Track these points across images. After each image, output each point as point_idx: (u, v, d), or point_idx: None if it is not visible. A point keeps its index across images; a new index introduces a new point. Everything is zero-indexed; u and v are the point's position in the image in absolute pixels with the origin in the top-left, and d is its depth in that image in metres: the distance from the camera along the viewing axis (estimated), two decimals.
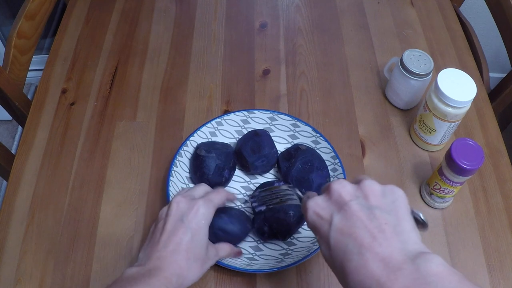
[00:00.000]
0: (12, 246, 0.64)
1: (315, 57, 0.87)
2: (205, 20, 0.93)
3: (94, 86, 0.82)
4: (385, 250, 0.38)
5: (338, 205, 0.42)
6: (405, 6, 0.97)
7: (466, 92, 0.64)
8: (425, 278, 0.35)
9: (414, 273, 0.35)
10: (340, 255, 0.39)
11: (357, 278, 0.37)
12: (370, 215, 0.40)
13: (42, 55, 1.61)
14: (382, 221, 0.39)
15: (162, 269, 0.49)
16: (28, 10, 0.84)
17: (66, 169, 0.72)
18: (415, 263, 0.36)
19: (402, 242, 0.38)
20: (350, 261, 0.38)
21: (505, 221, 0.67)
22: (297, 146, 0.68)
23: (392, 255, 0.37)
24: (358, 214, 0.40)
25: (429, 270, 0.35)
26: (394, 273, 0.36)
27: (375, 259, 0.37)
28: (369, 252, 0.38)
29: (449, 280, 0.35)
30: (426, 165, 0.73)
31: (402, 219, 0.40)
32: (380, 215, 0.40)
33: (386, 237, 0.38)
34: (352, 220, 0.40)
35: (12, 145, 1.58)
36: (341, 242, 0.40)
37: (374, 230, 0.39)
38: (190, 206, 0.54)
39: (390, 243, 0.38)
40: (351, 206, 0.41)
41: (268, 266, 0.60)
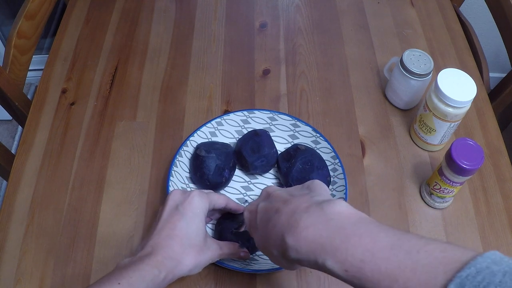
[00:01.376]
0: (12, 246, 0.64)
1: (315, 57, 0.87)
2: (205, 20, 0.93)
3: (94, 86, 0.82)
4: (295, 204, 0.43)
5: (264, 197, 0.49)
6: (405, 6, 0.97)
7: (466, 92, 0.64)
8: (328, 215, 0.39)
9: (318, 212, 0.40)
10: (263, 226, 0.45)
11: (273, 232, 0.42)
12: (288, 193, 0.46)
13: (42, 55, 1.61)
14: (296, 193, 0.46)
15: (154, 254, 0.49)
16: (28, 10, 0.84)
17: (66, 169, 0.72)
18: (320, 206, 0.40)
19: (311, 197, 0.43)
20: (269, 223, 0.43)
21: (505, 221, 0.67)
22: (296, 146, 0.68)
23: (300, 205, 0.42)
24: (278, 194, 0.47)
25: (332, 210, 0.39)
26: (300, 215, 0.40)
27: (287, 211, 0.42)
28: (283, 209, 0.43)
29: (349, 217, 0.39)
30: (426, 165, 0.73)
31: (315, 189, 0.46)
32: (296, 191, 0.46)
33: (297, 198, 0.44)
34: (273, 199, 0.46)
35: (12, 145, 1.58)
36: (264, 216, 0.45)
37: (289, 197, 0.45)
38: (185, 196, 0.55)
39: (299, 199, 0.43)
40: (274, 193, 0.48)
41: (268, 266, 0.60)
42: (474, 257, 0.32)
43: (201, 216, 0.54)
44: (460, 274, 0.31)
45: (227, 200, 0.59)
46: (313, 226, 0.39)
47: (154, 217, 0.67)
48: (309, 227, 0.39)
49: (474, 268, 0.31)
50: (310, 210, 0.40)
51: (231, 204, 0.59)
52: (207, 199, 0.55)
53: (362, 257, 0.35)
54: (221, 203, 0.58)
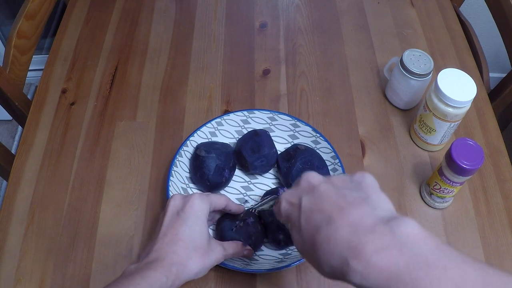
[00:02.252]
0: (12, 246, 0.64)
1: (315, 57, 0.87)
2: (205, 20, 0.93)
3: (94, 86, 0.82)
4: (354, 216, 0.36)
5: (308, 189, 0.42)
6: (405, 6, 0.97)
7: (466, 92, 0.64)
8: (400, 239, 0.34)
9: (388, 234, 0.34)
10: (310, 233, 0.38)
11: (327, 248, 0.36)
12: (338, 193, 0.40)
13: (42, 55, 1.61)
14: (350, 197, 0.39)
15: (160, 260, 0.49)
16: (28, 10, 0.84)
17: (66, 169, 0.72)
18: (389, 225, 0.35)
19: (373, 209, 0.37)
20: (319, 234, 0.37)
21: (505, 221, 0.67)
22: (296, 146, 0.68)
23: (363, 220, 0.36)
24: (327, 193, 0.40)
25: (404, 232, 0.34)
26: (365, 235, 0.34)
27: (344, 225, 0.36)
28: (338, 220, 0.36)
29: (425, 242, 0.34)
30: (426, 165, 0.73)
31: (371, 193, 0.40)
32: (349, 193, 0.39)
33: (355, 206, 0.37)
34: (320, 198, 0.40)
35: (12, 145, 1.58)
36: (310, 219, 0.39)
37: (342, 203, 0.38)
38: (185, 201, 0.54)
39: (359, 210, 0.37)
40: (319, 187, 0.41)
41: (268, 266, 0.60)
42: None
43: (203, 219, 0.54)
44: None
45: (227, 200, 0.59)
46: (385, 252, 0.33)
47: (154, 217, 0.67)
48: (379, 252, 0.33)
49: None
50: (377, 230, 0.35)
51: (231, 205, 0.59)
52: (208, 201, 0.55)
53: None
54: (221, 204, 0.58)
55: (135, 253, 0.64)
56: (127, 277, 0.47)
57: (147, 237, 0.65)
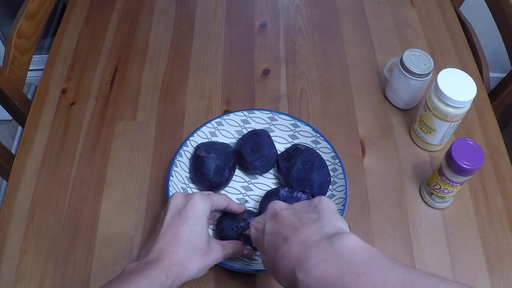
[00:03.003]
0: (12, 246, 0.64)
1: (315, 57, 0.87)
2: (205, 20, 0.93)
3: (94, 86, 0.82)
4: (304, 234, 0.42)
5: (271, 215, 0.48)
6: (405, 6, 0.97)
7: (466, 92, 0.64)
8: (338, 251, 0.38)
9: (328, 248, 0.39)
10: (271, 253, 0.44)
11: (283, 263, 0.41)
12: (296, 216, 0.45)
13: (42, 55, 1.61)
14: (304, 218, 0.44)
15: (160, 260, 0.49)
16: (28, 10, 0.84)
17: (66, 169, 0.72)
18: (330, 241, 0.39)
19: (321, 227, 0.42)
20: (277, 252, 0.43)
21: (505, 221, 0.67)
22: (296, 146, 0.68)
23: (310, 237, 0.41)
24: (286, 217, 0.45)
25: (343, 245, 0.39)
26: (310, 250, 0.39)
27: (296, 242, 0.41)
28: (291, 239, 0.42)
29: (359, 253, 0.38)
30: (426, 165, 0.73)
31: (325, 215, 0.45)
32: (305, 215, 0.45)
33: (307, 226, 0.43)
34: (280, 222, 0.45)
35: (12, 145, 1.58)
36: (271, 241, 0.45)
37: (297, 223, 0.44)
38: (187, 200, 0.54)
39: (309, 228, 0.42)
40: (281, 213, 0.47)
41: None
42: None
43: (204, 219, 0.54)
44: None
45: (228, 200, 0.59)
46: (323, 263, 0.38)
47: (154, 217, 0.67)
48: (319, 264, 0.38)
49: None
50: (320, 245, 0.39)
51: (232, 205, 0.59)
52: (209, 201, 0.55)
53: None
54: (222, 204, 0.58)
55: (135, 253, 0.64)
56: (127, 275, 0.47)
57: (147, 237, 0.65)
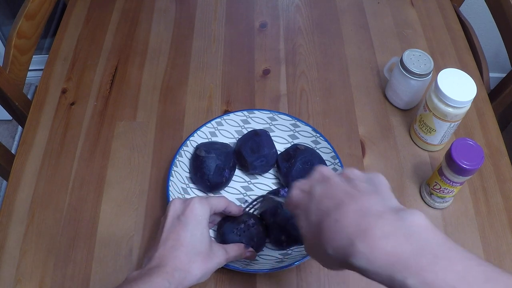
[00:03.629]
0: (12, 246, 0.64)
1: (315, 57, 0.87)
2: (205, 20, 0.93)
3: (94, 86, 0.82)
4: (364, 202, 0.37)
5: (321, 179, 0.43)
6: (405, 6, 0.97)
7: (466, 92, 0.64)
8: (408, 228, 0.34)
9: (397, 222, 0.35)
10: (318, 217, 0.39)
11: (334, 229, 0.37)
12: (350, 184, 0.41)
13: (42, 55, 1.61)
14: (361, 187, 0.40)
15: (163, 266, 0.49)
16: (28, 10, 0.84)
17: (66, 169, 0.72)
18: (398, 214, 0.35)
19: (383, 199, 0.38)
20: (328, 216, 0.37)
21: (505, 221, 0.67)
22: (295, 146, 0.68)
23: (373, 206, 0.37)
24: (339, 183, 0.41)
25: (413, 221, 0.35)
26: (374, 220, 0.35)
27: (354, 209, 0.36)
28: (348, 204, 0.37)
29: (432, 234, 0.34)
30: (426, 165, 0.73)
31: (382, 189, 0.41)
32: (360, 184, 0.40)
33: (366, 195, 0.38)
34: (332, 187, 0.41)
35: (12, 145, 1.58)
36: (321, 204, 0.40)
37: (354, 191, 0.39)
38: (185, 205, 0.54)
39: (369, 198, 0.38)
40: (333, 178, 0.42)
41: (268, 266, 0.60)
42: None
43: (204, 223, 0.54)
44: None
45: (227, 202, 0.59)
46: (393, 237, 0.34)
47: (154, 217, 0.67)
48: (387, 236, 0.34)
49: None
50: (386, 217, 0.35)
51: (231, 207, 0.59)
52: (208, 205, 0.55)
53: (454, 284, 0.32)
54: (221, 206, 0.58)
55: (135, 253, 0.64)
56: (129, 283, 0.47)
57: (147, 237, 0.65)
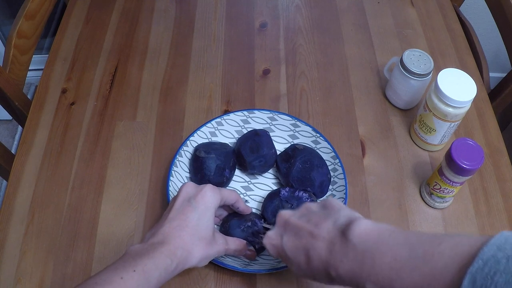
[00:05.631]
0: (12, 246, 0.64)
1: (315, 57, 0.87)
2: (205, 20, 0.93)
3: (94, 86, 0.82)
4: (321, 235, 0.45)
5: (282, 226, 0.51)
6: (405, 6, 0.97)
7: (466, 92, 0.64)
8: (352, 242, 0.42)
9: (344, 243, 0.43)
10: (300, 261, 0.47)
11: (315, 267, 0.46)
12: (307, 220, 0.48)
13: (42, 55, 1.61)
14: (315, 218, 0.48)
15: (166, 243, 0.49)
16: (28, 10, 0.84)
17: (66, 169, 0.72)
18: (344, 235, 0.43)
19: (334, 222, 0.46)
20: (308, 258, 0.46)
21: (505, 221, 0.67)
22: (294, 146, 0.68)
23: (327, 235, 0.45)
24: (297, 224, 0.49)
25: (354, 235, 0.43)
26: (331, 251, 0.44)
27: (318, 246, 0.45)
28: (312, 244, 0.46)
29: (371, 236, 0.42)
30: (426, 165, 0.73)
31: (334, 210, 0.48)
32: (314, 216, 0.48)
33: (320, 226, 0.46)
34: (294, 232, 0.49)
35: (12, 145, 1.58)
36: (294, 252, 0.48)
37: (311, 227, 0.47)
38: (198, 190, 0.55)
39: (323, 228, 0.46)
40: (290, 220, 0.50)
41: (268, 266, 0.60)
42: (480, 248, 0.34)
43: (212, 211, 0.54)
44: (470, 270, 0.33)
45: (238, 197, 0.59)
46: (345, 259, 0.43)
47: (154, 217, 0.67)
48: (342, 261, 0.43)
49: (481, 261, 0.33)
50: (337, 242, 0.44)
51: (240, 203, 0.60)
52: (219, 194, 0.56)
53: (390, 276, 0.39)
54: (232, 199, 0.58)
55: None
56: (133, 257, 0.47)
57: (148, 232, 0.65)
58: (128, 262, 0.47)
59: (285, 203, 0.63)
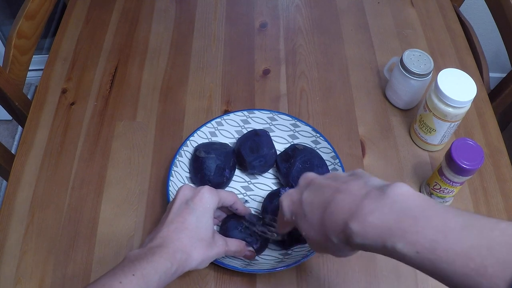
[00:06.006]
0: (12, 246, 0.64)
1: (315, 57, 0.87)
2: (205, 20, 0.93)
3: (94, 86, 0.82)
4: (351, 189, 0.42)
5: (306, 184, 0.48)
6: (405, 6, 0.97)
7: (466, 92, 0.64)
8: (391, 198, 0.39)
9: (381, 196, 0.39)
10: (316, 216, 0.44)
11: (333, 219, 0.42)
12: (333, 180, 0.45)
13: (42, 55, 1.61)
14: (344, 179, 0.45)
15: (165, 246, 0.49)
16: (28, 10, 0.84)
17: (66, 169, 0.72)
18: (381, 189, 0.40)
19: (366, 182, 0.43)
20: (324, 212, 0.43)
21: None
22: (294, 146, 0.68)
23: (357, 190, 0.41)
24: (323, 182, 0.46)
25: (394, 192, 0.39)
26: (362, 201, 0.40)
27: (344, 198, 0.42)
28: (338, 196, 0.42)
29: (413, 199, 0.38)
30: (426, 165, 0.73)
31: (364, 176, 0.44)
32: (342, 177, 0.45)
33: (349, 183, 0.43)
34: (318, 187, 0.46)
35: (12, 145, 1.58)
36: (313, 205, 0.45)
37: (338, 184, 0.44)
38: (195, 192, 0.55)
39: (353, 184, 0.43)
40: (316, 180, 0.47)
41: (268, 266, 0.60)
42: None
43: (210, 212, 0.54)
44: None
45: (236, 198, 0.59)
46: (378, 211, 0.38)
47: (154, 217, 0.67)
48: (374, 211, 0.38)
49: None
50: (372, 195, 0.40)
51: (238, 204, 0.59)
52: (217, 196, 0.56)
53: (434, 238, 0.35)
54: (230, 200, 0.58)
55: None
56: (132, 262, 0.47)
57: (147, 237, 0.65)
58: (127, 266, 0.46)
59: None
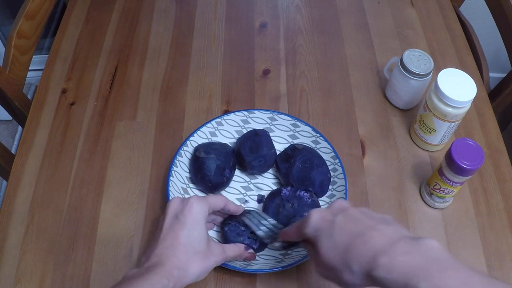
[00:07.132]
0: (12, 246, 0.64)
1: (315, 57, 0.87)
2: (205, 20, 0.93)
3: (94, 86, 0.82)
4: (385, 231, 0.44)
5: (339, 210, 0.48)
6: (405, 6, 0.97)
7: (466, 92, 0.64)
8: (423, 247, 0.41)
9: (414, 243, 0.41)
10: (344, 239, 0.45)
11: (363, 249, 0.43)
12: (367, 215, 0.47)
13: (42, 55, 1.61)
14: (378, 219, 0.46)
15: (161, 264, 0.49)
16: (28, 10, 0.84)
17: (66, 169, 0.72)
18: (414, 239, 0.42)
19: (398, 230, 0.44)
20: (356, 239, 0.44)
21: (505, 221, 0.67)
22: (293, 146, 0.68)
23: (391, 233, 0.43)
24: (357, 214, 0.47)
25: (428, 244, 0.41)
26: (396, 242, 0.42)
27: (378, 235, 0.43)
28: (372, 231, 0.44)
29: (443, 252, 0.41)
30: (426, 165, 0.73)
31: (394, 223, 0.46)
32: (375, 216, 0.47)
33: (383, 225, 0.45)
34: (352, 218, 0.47)
35: (12, 145, 1.58)
36: (344, 230, 0.46)
37: (372, 222, 0.45)
38: (183, 204, 0.54)
39: (387, 227, 0.44)
40: (350, 210, 0.48)
41: (268, 266, 0.60)
42: None
43: (202, 222, 0.54)
44: None
45: (226, 200, 0.59)
46: (410, 254, 0.41)
47: (154, 217, 0.67)
48: (407, 253, 0.41)
49: None
50: (406, 240, 0.42)
51: (230, 205, 0.59)
52: (206, 204, 0.55)
53: (458, 286, 0.37)
54: (219, 205, 0.58)
55: (135, 253, 0.64)
56: (129, 280, 0.47)
57: (147, 237, 0.65)
58: (124, 285, 0.47)
59: (286, 203, 0.63)
